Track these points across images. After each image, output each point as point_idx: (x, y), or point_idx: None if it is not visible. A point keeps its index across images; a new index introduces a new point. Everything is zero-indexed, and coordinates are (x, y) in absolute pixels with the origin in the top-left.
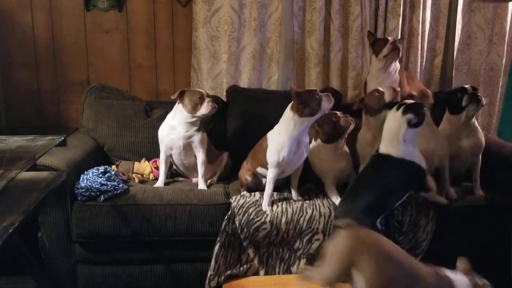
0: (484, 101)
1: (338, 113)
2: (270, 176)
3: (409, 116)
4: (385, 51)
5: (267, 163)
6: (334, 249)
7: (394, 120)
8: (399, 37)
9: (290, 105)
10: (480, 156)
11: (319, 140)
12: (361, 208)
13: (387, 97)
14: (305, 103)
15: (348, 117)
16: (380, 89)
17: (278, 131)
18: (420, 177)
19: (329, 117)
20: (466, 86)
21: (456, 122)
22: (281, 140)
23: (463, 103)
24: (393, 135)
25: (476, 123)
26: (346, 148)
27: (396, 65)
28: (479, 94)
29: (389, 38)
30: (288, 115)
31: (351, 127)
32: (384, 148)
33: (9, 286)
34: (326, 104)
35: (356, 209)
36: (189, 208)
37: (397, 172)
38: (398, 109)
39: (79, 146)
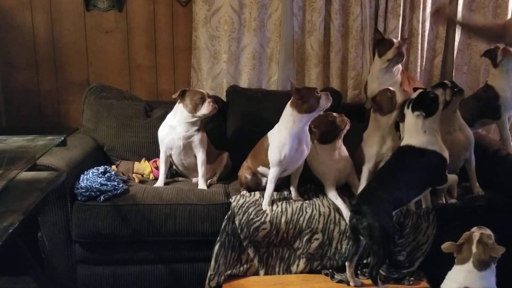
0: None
1: (334, 113)
2: (271, 175)
3: (417, 113)
4: (389, 54)
5: (268, 162)
6: None
7: (409, 117)
8: (402, 37)
9: (290, 101)
10: (473, 153)
11: (316, 142)
12: (384, 196)
13: (399, 98)
14: (304, 98)
15: (344, 117)
16: (392, 89)
17: (278, 129)
18: (441, 167)
19: (325, 117)
20: (445, 81)
21: (442, 118)
22: (282, 138)
23: (447, 98)
24: (413, 129)
25: (461, 118)
26: (344, 149)
27: (398, 66)
28: (459, 86)
29: (395, 40)
30: (287, 111)
31: (347, 127)
32: (406, 140)
33: (9, 286)
34: (325, 102)
35: (379, 197)
36: (189, 208)
37: (419, 162)
38: (408, 107)
39: (79, 146)
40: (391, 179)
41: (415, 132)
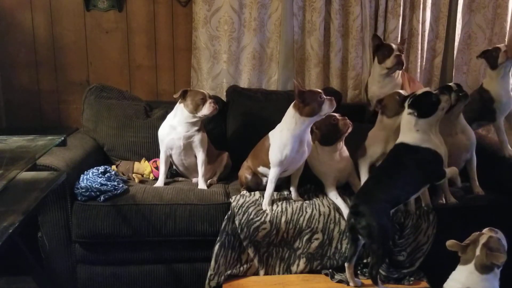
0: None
1: (337, 115)
2: (272, 175)
3: (409, 111)
4: (388, 63)
5: (269, 162)
6: None
7: (405, 113)
8: (401, 38)
9: (293, 103)
10: (474, 153)
11: (317, 142)
12: (381, 196)
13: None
14: (306, 102)
15: (346, 120)
16: (402, 92)
17: (280, 129)
18: (436, 163)
19: (328, 119)
20: (451, 84)
21: (445, 120)
22: (283, 138)
23: (452, 102)
24: (406, 125)
25: (464, 120)
26: (345, 149)
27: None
28: (464, 91)
29: (394, 46)
30: (290, 112)
31: (349, 131)
32: (400, 138)
33: (9, 286)
34: (327, 108)
35: (376, 197)
36: (189, 208)
37: (414, 160)
38: (408, 103)
39: (79, 146)
40: (388, 178)
41: (408, 129)
